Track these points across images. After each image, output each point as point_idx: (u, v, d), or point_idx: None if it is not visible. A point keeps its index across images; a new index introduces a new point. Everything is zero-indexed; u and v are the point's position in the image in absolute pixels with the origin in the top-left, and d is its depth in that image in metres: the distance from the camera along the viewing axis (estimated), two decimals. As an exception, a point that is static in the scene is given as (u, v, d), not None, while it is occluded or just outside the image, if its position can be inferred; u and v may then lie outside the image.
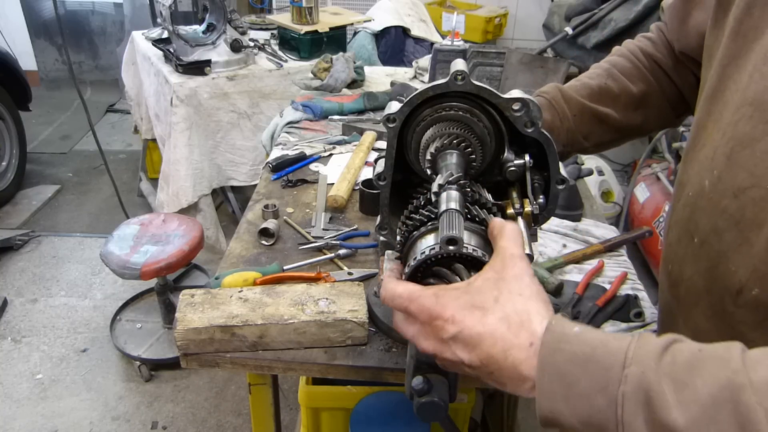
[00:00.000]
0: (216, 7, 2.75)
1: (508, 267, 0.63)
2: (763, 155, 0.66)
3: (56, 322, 2.83)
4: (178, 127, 2.71)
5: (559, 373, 0.55)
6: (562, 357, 0.55)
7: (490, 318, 0.60)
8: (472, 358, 0.61)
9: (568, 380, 0.54)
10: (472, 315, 0.61)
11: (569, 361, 0.55)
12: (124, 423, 2.34)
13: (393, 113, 0.83)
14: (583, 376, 0.54)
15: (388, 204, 0.91)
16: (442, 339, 0.63)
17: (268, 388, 1.23)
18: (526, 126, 0.80)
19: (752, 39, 0.72)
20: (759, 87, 0.68)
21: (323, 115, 2.04)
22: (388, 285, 0.68)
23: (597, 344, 0.55)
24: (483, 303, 0.61)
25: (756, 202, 0.64)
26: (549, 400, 0.56)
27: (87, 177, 4.15)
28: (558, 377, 0.55)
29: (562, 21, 3.38)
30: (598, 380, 0.53)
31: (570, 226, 1.48)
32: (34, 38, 5.24)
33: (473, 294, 0.62)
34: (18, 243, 3.33)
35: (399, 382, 1.07)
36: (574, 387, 0.54)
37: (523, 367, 0.58)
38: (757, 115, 0.67)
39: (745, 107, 0.69)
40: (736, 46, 0.74)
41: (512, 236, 0.66)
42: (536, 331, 0.58)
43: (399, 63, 3.19)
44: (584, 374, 0.54)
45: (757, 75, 0.69)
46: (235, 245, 1.37)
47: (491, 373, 0.61)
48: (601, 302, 1.17)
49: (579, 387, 0.54)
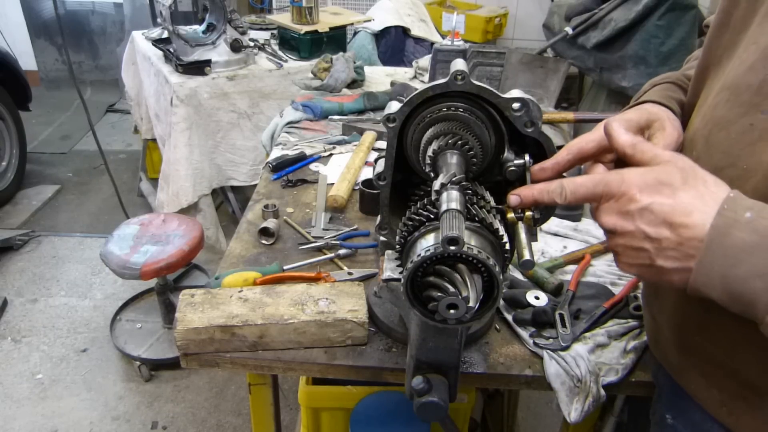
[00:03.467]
0: (216, 7, 2.75)
1: (680, 159, 0.65)
2: (738, 136, 0.70)
3: (56, 322, 2.83)
4: (178, 127, 2.71)
5: (724, 255, 0.59)
6: (729, 241, 0.59)
7: (682, 194, 0.62)
8: (658, 230, 0.62)
9: (730, 262, 0.59)
10: (662, 190, 0.63)
11: (735, 246, 0.58)
12: (124, 423, 2.34)
13: (393, 113, 0.83)
14: (747, 261, 0.58)
15: (388, 204, 0.91)
16: (627, 212, 0.64)
17: (268, 388, 1.23)
18: (526, 126, 0.80)
19: (739, 30, 0.75)
20: (737, 72, 0.71)
21: (323, 115, 2.04)
22: (566, 183, 0.70)
23: (766, 233, 0.58)
24: (671, 181, 0.63)
25: (732, 180, 0.66)
26: (706, 275, 0.60)
27: (87, 177, 4.15)
28: (721, 259, 0.59)
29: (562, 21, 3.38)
30: (761, 267, 0.57)
31: (570, 226, 1.48)
32: (34, 38, 5.24)
33: (659, 173, 0.64)
34: (18, 243, 3.33)
35: (399, 382, 1.06)
36: (735, 268, 0.58)
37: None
38: (733, 98, 0.71)
39: (723, 92, 0.73)
40: (727, 38, 0.77)
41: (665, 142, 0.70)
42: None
43: (399, 63, 3.19)
44: (748, 259, 0.58)
45: (737, 62, 0.73)
46: (235, 245, 1.37)
47: (664, 250, 0.63)
48: (608, 304, 1.17)
49: (739, 269, 0.58)
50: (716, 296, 0.61)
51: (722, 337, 0.76)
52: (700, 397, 0.82)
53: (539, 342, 1.09)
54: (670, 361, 0.89)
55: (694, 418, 0.83)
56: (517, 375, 1.06)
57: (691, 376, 0.83)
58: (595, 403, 1.00)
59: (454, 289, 0.69)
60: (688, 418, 0.84)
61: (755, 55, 0.69)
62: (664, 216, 0.62)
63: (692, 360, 0.83)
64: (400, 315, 1.09)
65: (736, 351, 0.75)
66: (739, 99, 0.70)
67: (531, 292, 1.19)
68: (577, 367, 1.03)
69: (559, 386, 1.02)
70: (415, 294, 0.74)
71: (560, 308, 1.15)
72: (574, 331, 1.11)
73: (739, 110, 0.70)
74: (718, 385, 0.78)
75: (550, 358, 1.05)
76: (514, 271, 1.29)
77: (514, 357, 1.08)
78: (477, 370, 1.06)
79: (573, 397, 1.01)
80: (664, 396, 0.91)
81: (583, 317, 1.15)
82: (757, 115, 0.68)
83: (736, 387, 0.76)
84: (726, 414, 0.78)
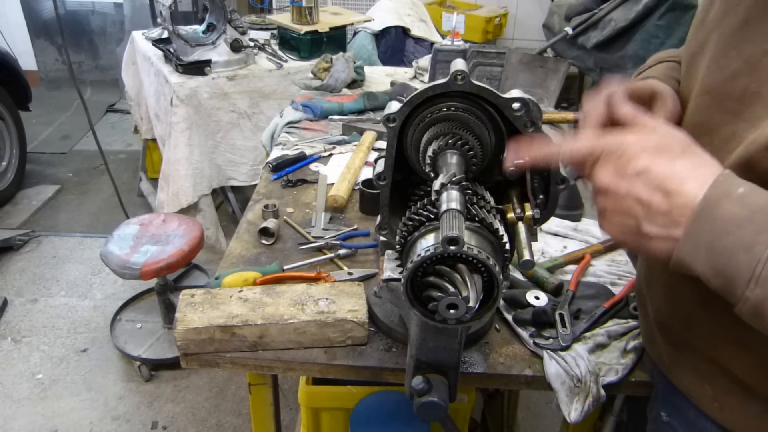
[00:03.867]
0: (216, 7, 2.75)
1: (679, 132, 0.65)
2: (721, 143, 0.70)
3: (56, 322, 2.83)
4: (178, 127, 2.71)
5: (713, 225, 0.58)
6: (719, 212, 0.58)
7: (680, 162, 0.62)
8: (651, 194, 0.62)
9: (718, 233, 0.58)
10: (661, 155, 0.62)
11: (724, 217, 0.58)
12: (124, 423, 2.34)
13: (393, 113, 0.83)
14: (733, 234, 0.57)
15: (388, 204, 0.91)
16: (624, 172, 0.64)
17: (268, 388, 1.23)
18: (526, 126, 0.80)
19: (710, 29, 0.75)
20: (716, 77, 0.72)
21: (323, 115, 2.04)
22: (566, 144, 0.69)
23: (756, 209, 0.57)
24: (671, 148, 0.63)
25: None
26: (692, 244, 0.60)
27: (87, 177, 4.15)
28: (709, 228, 0.59)
29: (562, 21, 3.38)
30: (746, 241, 0.57)
31: (570, 226, 1.48)
32: (34, 38, 5.24)
33: (660, 139, 0.64)
34: (18, 243, 3.33)
35: (399, 382, 1.06)
36: (722, 240, 0.58)
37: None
38: (714, 104, 0.71)
39: (703, 96, 0.73)
40: (703, 34, 0.77)
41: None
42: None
43: (399, 63, 3.19)
44: (735, 232, 0.57)
45: (714, 66, 0.73)
46: (235, 245, 1.37)
47: (653, 215, 0.62)
48: (608, 304, 1.17)
49: (725, 241, 0.58)
50: (700, 269, 0.60)
51: (709, 335, 0.77)
52: (693, 395, 0.82)
53: (539, 342, 1.09)
54: (663, 359, 0.89)
55: (689, 415, 0.83)
56: (517, 375, 1.06)
57: (683, 373, 0.84)
58: (595, 403, 1.00)
59: (454, 289, 0.69)
60: (682, 416, 0.85)
61: (737, 63, 0.69)
62: (659, 181, 0.62)
63: (683, 358, 0.83)
64: (400, 315, 1.09)
65: (723, 349, 0.76)
66: (722, 106, 0.70)
67: (531, 292, 1.19)
68: (577, 367, 1.03)
69: (559, 386, 1.02)
70: (415, 294, 0.74)
71: (560, 308, 1.15)
72: (574, 331, 1.11)
73: (722, 117, 0.70)
74: (709, 382, 0.79)
75: (550, 358, 1.05)
76: (514, 271, 1.29)
77: (514, 357, 1.08)
78: (477, 370, 1.06)
79: (573, 397, 1.01)
80: (660, 394, 0.91)
81: (583, 317, 1.15)
82: (740, 124, 0.68)
83: (725, 384, 0.77)
84: (718, 410, 0.79)
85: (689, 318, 0.80)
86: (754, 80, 0.67)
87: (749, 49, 0.68)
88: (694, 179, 0.61)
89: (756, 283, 0.56)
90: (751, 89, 0.67)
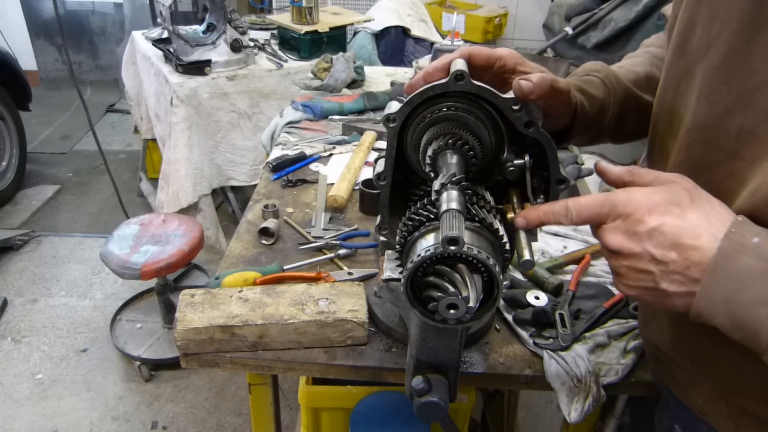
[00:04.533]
0: (216, 7, 2.75)
1: (683, 179, 0.64)
2: (720, 181, 0.69)
3: (56, 322, 2.83)
4: (178, 127, 2.71)
5: (728, 279, 0.58)
6: (735, 265, 0.58)
7: (691, 215, 0.61)
8: (666, 253, 0.61)
9: (735, 287, 0.57)
10: (671, 210, 0.61)
11: (741, 271, 0.57)
12: (124, 423, 2.34)
13: (393, 113, 0.83)
14: (752, 287, 0.56)
15: (388, 204, 0.91)
16: (635, 232, 0.63)
17: (268, 388, 1.23)
18: (526, 126, 0.79)
19: (696, 59, 0.73)
20: (709, 113, 0.70)
21: (323, 115, 2.04)
22: (571, 204, 0.68)
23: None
24: (680, 201, 0.62)
25: None
26: (709, 300, 0.59)
27: (87, 177, 4.15)
28: (726, 283, 0.58)
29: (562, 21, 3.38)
30: (766, 294, 0.56)
31: (570, 226, 1.48)
32: (34, 38, 5.24)
33: (667, 193, 0.63)
34: (18, 243, 3.33)
35: (399, 382, 1.06)
36: (740, 294, 0.57)
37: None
38: (710, 142, 0.69)
39: (696, 131, 0.71)
40: (685, 62, 0.75)
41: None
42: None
43: (399, 63, 3.19)
44: (753, 285, 0.56)
45: (704, 101, 0.71)
46: (235, 245, 1.37)
47: (670, 273, 0.61)
48: (608, 305, 1.17)
49: (744, 295, 0.57)
50: (719, 322, 0.60)
51: (722, 359, 0.76)
52: (707, 414, 0.81)
53: (539, 342, 1.09)
54: (673, 381, 0.88)
55: (703, 430, 0.82)
56: (517, 375, 1.06)
57: (696, 397, 0.82)
58: (595, 403, 1.00)
59: (454, 289, 0.69)
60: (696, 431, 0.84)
61: (730, 99, 0.67)
62: (673, 238, 0.60)
63: (694, 384, 0.82)
64: (400, 315, 1.09)
65: (735, 381, 0.75)
66: (718, 144, 0.69)
67: (531, 292, 1.19)
68: (577, 367, 1.03)
69: (559, 386, 1.02)
70: (415, 294, 0.74)
71: (560, 308, 1.15)
72: (574, 331, 1.11)
73: (719, 156, 0.69)
74: (724, 401, 0.77)
75: (550, 358, 1.05)
76: (514, 271, 1.29)
77: (514, 357, 1.08)
78: (477, 370, 1.06)
79: (573, 397, 1.01)
80: (671, 407, 0.90)
81: (583, 317, 1.15)
82: (737, 162, 0.67)
83: (739, 412, 0.75)
84: (734, 427, 0.77)
85: (697, 351, 0.79)
86: (748, 118, 0.66)
87: (738, 85, 0.66)
88: (707, 231, 0.60)
89: None
90: (746, 128, 0.66)
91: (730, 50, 0.67)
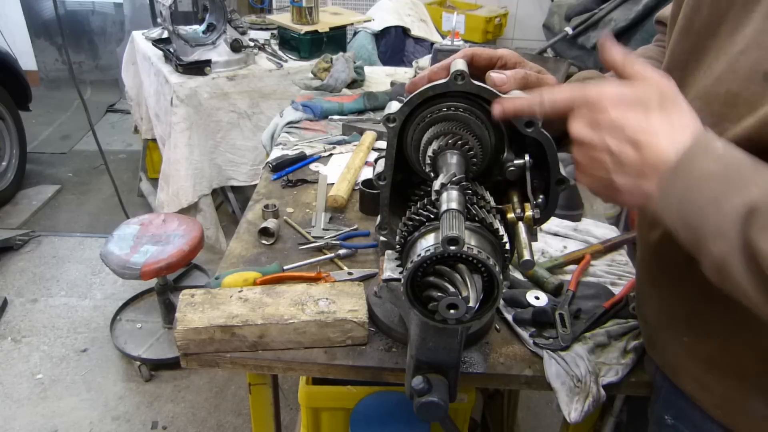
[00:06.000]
0: (216, 7, 2.75)
1: (665, 83, 0.65)
2: None
3: (56, 322, 2.83)
4: (178, 127, 2.71)
5: (688, 178, 0.60)
6: (697, 165, 0.59)
7: (654, 117, 0.62)
8: (621, 146, 0.63)
9: (690, 187, 0.60)
10: (635, 108, 0.63)
11: (701, 171, 0.59)
12: (124, 423, 2.34)
13: (393, 113, 0.83)
14: (705, 189, 0.58)
15: (388, 204, 0.91)
16: (596, 122, 0.64)
17: (268, 388, 1.23)
18: (526, 126, 0.80)
19: (705, 36, 0.75)
20: (708, 81, 0.72)
21: (323, 115, 2.04)
22: (546, 94, 0.69)
23: (731, 166, 0.58)
24: (647, 101, 0.63)
25: None
26: (665, 199, 0.62)
27: (87, 177, 4.15)
28: (684, 182, 0.60)
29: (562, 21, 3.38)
30: (717, 195, 0.58)
31: (570, 226, 1.48)
32: (34, 38, 5.24)
33: (637, 91, 0.64)
34: (18, 243, 3.33)
35: (399, 382, 1.06)
36: (693, 194, 0.59)
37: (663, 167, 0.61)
38: (705, 108, 0.71)
39: (696, 101, 0.73)
40: (690, 43, 0.78)
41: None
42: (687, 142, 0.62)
43: (399, 63, 3.19)
44: (706, 187, 0.58)
45: (708, 71, 0.73)
46: (235, 245, 1.37)
47: (623, 167, 0.63)
48: (608, 305, 1.17)
49: (697, 195, 0.59)
50: (670, 221, 0.62)
51: (709, 337, 0.77)
52: (697, 398, 0.82)
53: (539, 342, 1.09)
54: (664, 363, 0.89)
55: (694, 418, 0.83)
56: (517, 375, 1.06)
57: (686, 377, 0.83)
58: (595, 403, 1.00)
59: (454, 289, 0.69)
60: (687, 418, 0.85)
61: (723, 65, 0.70)
62: (631, 134, 0.62)
63: (685, 361, 0.83)
64: (400, 315, 1.09)
65: (723, 351, 0.76)
66: (710, 108, 0.71)
67: (531, 292, 1.19)
68: (577, 367, 1.03)
69: (559, 386, 1.02)
70: (415, 294, 0.74)
71: (560, 308, 1.15)
72: (574, 331, 1.11)
73: (711, 120, 0.70)
74: (713, 385, 0.79)
75: (549, 358, 1.05)
76: (514, 271, 1.29)
77: (514, 357, 1.08)
78: (477, 370, 1.06)
79: (573, 397, 1.01)
80: (662, 396, 0.91)
81: (583, 317, 1.15)
82: (725, 125, 0.69)
83: (726, 388, 0.77)
84: (723, 414, 0.78)
85: (688, 322, 0.80)
86: (735, 80, 0.68)
87: (731, 51, 0.69)
88: (666, 135, 0.61)
89: (720, 238, 0.56)
90: (732, 90, 0.68)
91: (737, 25, 0.69)
